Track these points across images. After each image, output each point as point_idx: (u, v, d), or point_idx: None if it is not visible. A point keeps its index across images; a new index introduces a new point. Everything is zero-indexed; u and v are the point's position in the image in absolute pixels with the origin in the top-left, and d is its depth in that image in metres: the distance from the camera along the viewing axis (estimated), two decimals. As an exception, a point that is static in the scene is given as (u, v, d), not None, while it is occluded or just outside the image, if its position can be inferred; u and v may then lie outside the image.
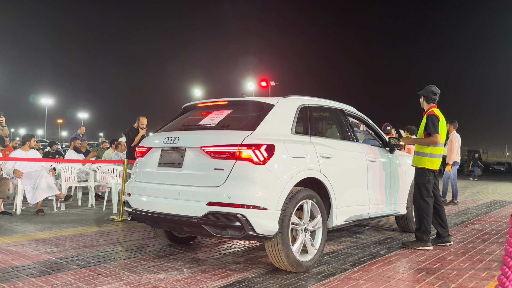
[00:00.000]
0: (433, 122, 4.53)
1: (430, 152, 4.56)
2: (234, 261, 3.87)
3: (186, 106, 4.39)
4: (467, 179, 21.68)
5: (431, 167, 4.56)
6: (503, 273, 1.85)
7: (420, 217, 4.55)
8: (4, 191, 6.10)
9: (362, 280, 3.34)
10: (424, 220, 4.50)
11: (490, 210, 8.18)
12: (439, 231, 4.68)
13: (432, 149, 4.56)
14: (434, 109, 4.67)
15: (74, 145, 8.62)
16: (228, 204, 3.20)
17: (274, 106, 3.76)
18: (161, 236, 4.39)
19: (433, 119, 4.55)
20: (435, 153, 4.56)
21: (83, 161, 8.02)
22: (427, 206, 4.51)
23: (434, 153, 4.56)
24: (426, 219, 4.50)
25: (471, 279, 3.46)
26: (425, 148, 4.59)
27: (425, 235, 4.48)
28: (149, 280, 3.22)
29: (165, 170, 3.70)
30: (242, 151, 3.31)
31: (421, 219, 4.52)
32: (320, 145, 3.91)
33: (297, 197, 3.44)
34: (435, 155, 4.56)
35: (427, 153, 4.57)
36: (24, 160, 6.47)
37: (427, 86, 4.80)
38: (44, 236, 4.74)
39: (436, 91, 4.72)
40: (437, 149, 4.57)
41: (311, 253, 3.61)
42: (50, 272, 3.37)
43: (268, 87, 22.50)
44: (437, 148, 4.57)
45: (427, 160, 4.56)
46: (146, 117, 7.73)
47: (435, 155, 4.56)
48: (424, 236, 4.48)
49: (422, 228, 4.50)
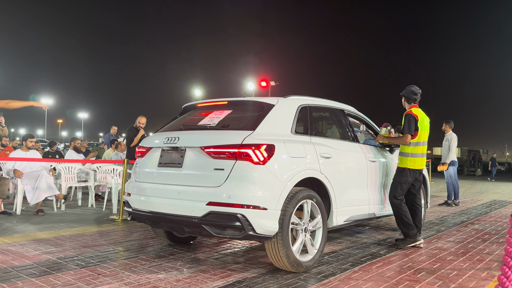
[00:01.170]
0: (409, 122, 4.54)
1: (411, 152, 4.56)
2: (234, 261, 3.87)
3: (186, 106, 4.39)
4: (467, 179, 21.68)
5: (414, 167, 4.55)
6: (503, 273, 1.85)
7: (397, 214, 4.55)
8: (4, 191, 6.10)
9: (362, 280, 3.34)
10: (402, 216, 4.51)
11: (490, 210, 8.18)
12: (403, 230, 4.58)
13: (413, 148, 4.56)
14: (414, 108, 4.66)
15: (74, 145, 8.62)
16: (228, 204, 3.20)
17: (274, 106, 3.76)
18: (161, 236, 4.39)
19: (409, 118, 4.56)
20: (416, 153, 4.56)
21: (83, 161, 8.02)
22: (398, 203, 4.52)
23: (415, 152, 4.56)
24: (403, 214, 4.50)
25: (471, 279, 3.46)
26: (406, 148, 4.61)
27: (410, 230, 4.48)
28: (149, 280, 3.22)
29: (165, 170, 3.70)
30: (242, 151, 3.31)
31: (399, 215, 4.53)
32: (320, 145, 3.91)
33: (297, 197, 3.44)
34: (416, 155, 4.56)
35: (409, 153, 4.58)
36: (24, 160, 6.47)
37: (407, 86, 4.80)
38: (44, 236, 4.74)
39: (416, 91, 4.71)
40: (418, 149, 4.56)
41: (311, 253, 3.61)
42: (50, 272, 3.37)
43: (268, 87, 22.50)
44: (418, 148, 4.56)
45: (409, 160, 4.56)
46: (146, 117, 7.73)
47: (416, 155, 4.56)
48: (409, 231, 4.48)
49: (404, 224, 4.51)
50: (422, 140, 4.60)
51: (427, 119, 4.73)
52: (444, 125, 8.83)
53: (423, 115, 4.67)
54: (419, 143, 4.58)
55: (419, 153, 4.58)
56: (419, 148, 4.58)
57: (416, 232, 4.52)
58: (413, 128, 4.54)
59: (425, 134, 4.62)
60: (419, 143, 4.58)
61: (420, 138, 4.59)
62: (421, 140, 4.60)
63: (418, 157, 4.58)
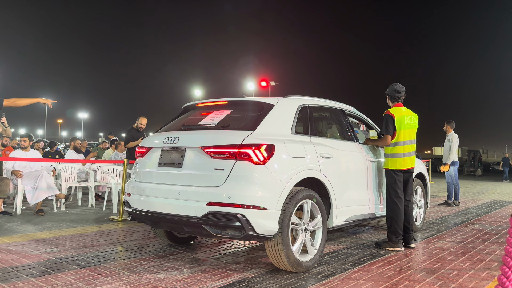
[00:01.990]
0: (386, 123, 4.49)
1: (391, 152, 4.53)
2: (234, 261, 3.87)
3: (186, 106, 4.39)
4: (466, 179, 21.68)
5: (395, 167, 4.48)
6: (503, 273, 1.85)
7: (390, 218, 4.48)
8: (5, 190, 6.11)
9: (362, 280, 3.34)
10: (393, 221, 4.44)
11: (490, 210, 8.18)
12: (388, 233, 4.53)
13: (392, 149, 4.52)
14: (393, 108, 4.60)
15: (74, 145, 8.62)
16: (228, 204, 3.20)
17: (274, 106, 3.76)
18: (161, 236, 4.39)
19: (386, 119, 4.51)
20: (396, 153, 4.50)
21: (83, 161, 8.02)
22: (395, 206, 4.44)
23: (395, 152, 4.50)
24: (395, 220, 4.42)
25: (471, 279, 3.46)
26: (386, 149, 4.58)
27: (394, 236, 4.42)
28: (149, 280, 3.22)
29: (165, 170, 3.70)
30: (242, 151, 3.31)
31: (391, 220, 4.46)
32: (320, 145, 3.91)
33: (297, 197, 3.44)
34: (396, 155, 4.50)
35: (388, 154, 4.55)
36: (24, 160, 6.47)
37: (391, 85, 4.74)
38: (44, 236, 4.74)
39: (399, 89, 4.65)
40: (397, 149, 4.50)
41: (311, 253, 3.61)
42: (50, 272, 3.37)
43: (268, 87, 22.50)
44: (397, 148, 4.50)
45: (389, 161, 4.53)
46: (147, 118, 7.72)
47: (396, 155, 4.50)
48: (393, 236, 4.42)
49: (392, 228, 4.44)
50: (402, 140, 4.49)
51: (411, 117, 4.59)
52: (446, 125, 8.79)
53: (403, 114, 4.54)
54: (398, 143, 4.49)
55: (400, 153, 4.48)
56: (399, 148, 4.49)
57: (400, 239, 4.43)
58: (391, 129, 4.46)
59: (405, 133, 4.50)
60: (398, 143, 4.49)
61: (399, 137, 4.49)
62: (401, 139, 4.49)
63: (399, 157, 4.48)
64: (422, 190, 5.66)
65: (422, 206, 5.66)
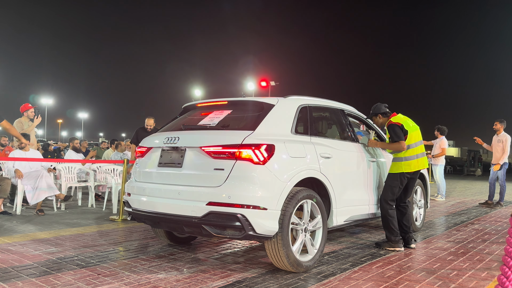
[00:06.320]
0: (395, 131, 4.50)
1: (404, 155, 4.51)
2: (234, 261, 3.87)
3: (186, 106, 4.39)
4: (466, 179, 21.68)
5: (409, 170, 4.49)
6: (503, 273, 1.85)
7: (385, 218, 4.48)
8: (6, 190, 6.11)
9: (362, 280, 3.35)
10: (388, 221, 4.44)
11: (490, 210, 8.19)
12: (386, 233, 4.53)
13: (405, 152, 4.51)
14: (392, 118, 4.63)
15: (73, 145, 8.62)
16: (228, 204, 3.20)
17: (274, 106, 3.76)
18: (161, 236, 4.39)
19: (394, 128, 4.52)
20: (410, 155, 4.50)
21: (83, 161, 8.02)
22: (388, 207, 4.45)
23: (408, 155, 4.50)
24: (390, 220, 4.43)
25: (471, 279, 3.46)
26: (398, 153, 4.55)
27: (393, 236, 4.43)
28: (149, 280, 3.22)
29: (165, 170, 3.70)
30: (242, 151, 3.31)
31: (386, 220, 4.47)
32: (320, 145, 3.91)
33: (297, 197, 3.44)
34: (410, 157, 4.49)
35: (402, 157, 4.52)
36: (24, 160, 6.47)
37: (374, 106, 4.77)
38: (44, 236, 4.74)
39: (384, 104, 4.73)
40: (410, 151, 4.50)
41: (311, 253, 3.62)
42: (50, 272, 3.37)
43: (268, 87, 22.50)
44: (410, 150, 4.50)
45: (404, 164, 4.50)
46: (153, 118, 7.72)
47: (410, 157, 4.49)
48: (392, 236, 4.43)
49: (388, 228, 4.46)
50: (414, 142, 4.53)
51: (411, 120, 4.68)
52: (498, 124, 8.36)
53: (405, 119, 4.62)
54: (410, 145, 4.51)
55: (413, 155, 4.50)
56: (411, 151, 4.51)
57: (399, 238, 4.44)
58: (402, 135, 4.48)
59: (412, 135, 4.54)
60: (410, 146, 4.51)
61: (410, 140, 4.51)
62: (412, 142, 4.52)
63: (413, 159, 4.50)
64: (422, 190, 5.66)
65: (422, 206, 5.66)
